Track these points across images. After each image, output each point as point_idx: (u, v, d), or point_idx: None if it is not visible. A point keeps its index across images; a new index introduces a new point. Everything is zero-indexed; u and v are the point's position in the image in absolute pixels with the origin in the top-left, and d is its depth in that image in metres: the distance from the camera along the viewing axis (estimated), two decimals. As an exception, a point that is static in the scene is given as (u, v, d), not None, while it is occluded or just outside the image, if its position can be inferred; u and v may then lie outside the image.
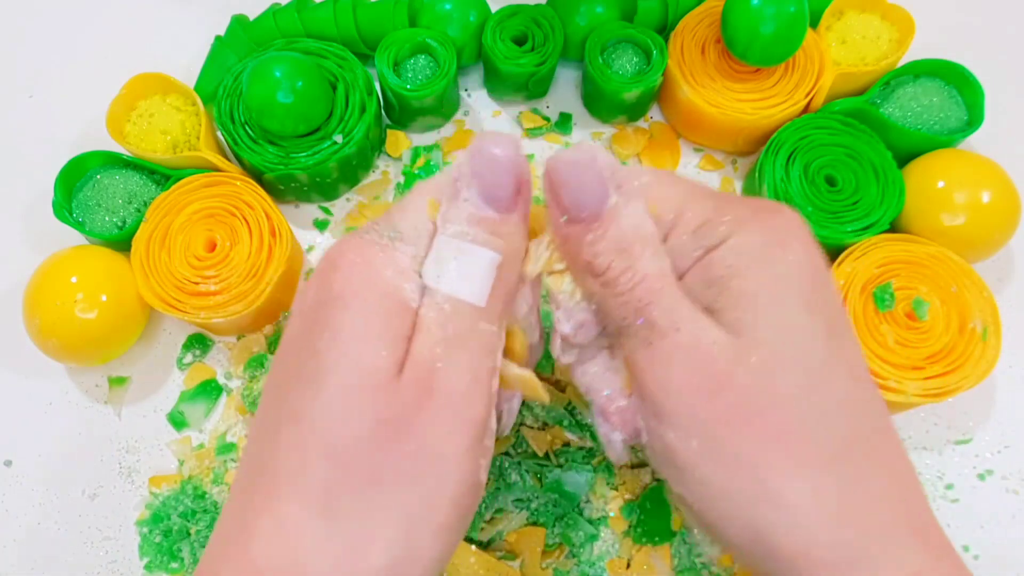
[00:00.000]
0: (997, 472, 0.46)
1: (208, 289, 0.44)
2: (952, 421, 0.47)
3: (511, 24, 0.50)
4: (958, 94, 0.49)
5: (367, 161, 0.51)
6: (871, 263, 0.45)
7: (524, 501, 0.43)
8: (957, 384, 0.43)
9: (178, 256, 0.45)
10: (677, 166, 0.53)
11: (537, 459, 0.43)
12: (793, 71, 0.49)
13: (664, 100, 0.53)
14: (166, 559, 0.44)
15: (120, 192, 0.48)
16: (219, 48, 0.52)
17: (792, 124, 0.48)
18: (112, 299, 0.44)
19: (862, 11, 0.51)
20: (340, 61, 0.49)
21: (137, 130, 0.49)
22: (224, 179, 0.46)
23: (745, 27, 0.46)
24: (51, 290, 0.44)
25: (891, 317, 0.44)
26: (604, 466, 0.44)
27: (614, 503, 0.43)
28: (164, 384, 0.48)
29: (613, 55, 0.51)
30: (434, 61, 0.50)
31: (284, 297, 0.47)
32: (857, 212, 0.46)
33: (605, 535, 0.43)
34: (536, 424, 0.44)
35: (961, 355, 0.44)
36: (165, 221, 0.45)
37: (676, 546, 0.43)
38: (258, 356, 0.47)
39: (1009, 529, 0.45)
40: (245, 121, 0.48)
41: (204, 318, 0.44)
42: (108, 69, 0.50)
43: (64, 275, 0.44)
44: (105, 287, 0.44)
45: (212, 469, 0.46)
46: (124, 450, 0.46)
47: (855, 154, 0.47)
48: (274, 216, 0.46)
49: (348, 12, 0.51)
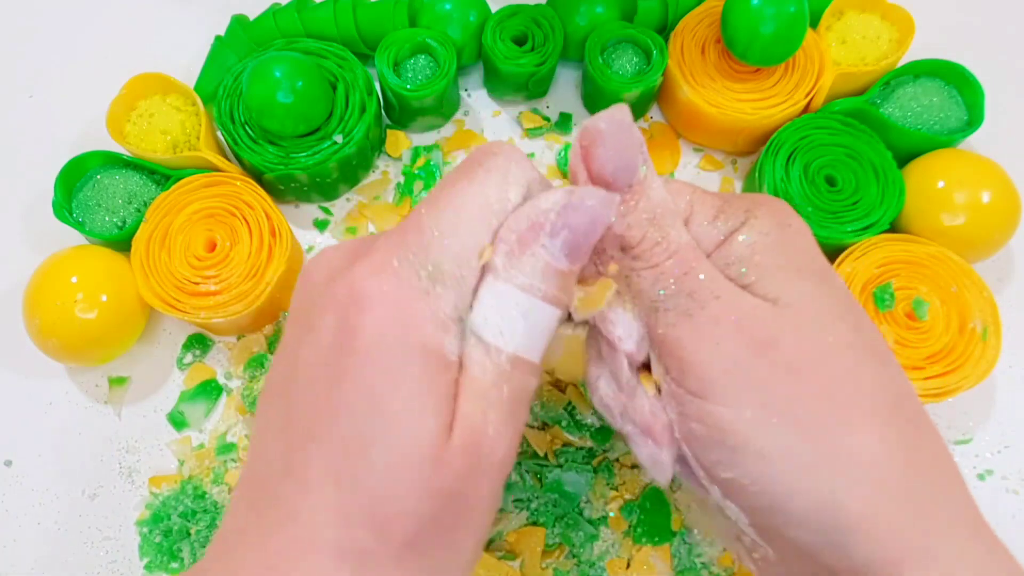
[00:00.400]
0: (997, 472, 0.46)
1: (208, 289, 0.44)
2: (952, 421, 0.47)
3: (511, 24, 0.50)
4: (958, 94, 0.49)
5: (367, 161, 0.51)
6: (871, 263, 0.45)
7: (524, 501, 0.43)
8: (957, 384, 0.43)
9: (178, 256, 0.45)
10: (677, 166, 0.53)
11: (537, 459, 0.43)
12: (793, 71, 0.49)
13: (664, 100, 0.53)
14: (166, 559, 0.44)
15: (120, 192, 0.48)
16: (219, 48, 0.52)
17: (792, 124, 0.48)
18: (112, 299, 0.44)
19: (862, 11, 0.51)
20: (340, 61, 0.49)
21: (137, 130, 0.49)
22: (224, 179, 0.46)
23: (745, 27, 0.46)
24: (51, 290, 0.44)
25: (891, 317, 0.44)
26: (604, 466, 0.44)
27: (614, 503, 0.43)
28: (164, 384, 0.48)
29: (613, 55, 0.51)
30: (434, 61, 0.50)
31: (284, 297, 0.47)
32: (857, 212, 0.46)
33: (605, 535, 0.43)
34: (536, 424, 0.44)
35: (961, 355, 0.44)
36: (165, 221, 0.45)
37: (676, 546, 0.43)
38: (258, 356, 0.47)
39: (1009, 529, 0.45)
40: (245, 121, 0.48)
41: (204, 318, 0.44)
42: (108, 69, 0.50)
43: (64, 275, 0.44)
44: (105, 287, 0.44)
45: (212, 469, 0.46)
46: (124, 450, 0.46)
47: (855, 154, 0.47)
48: (274, 216, 0.46)
49: (348, 12, 0.51)
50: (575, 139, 0.29)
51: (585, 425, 0.44)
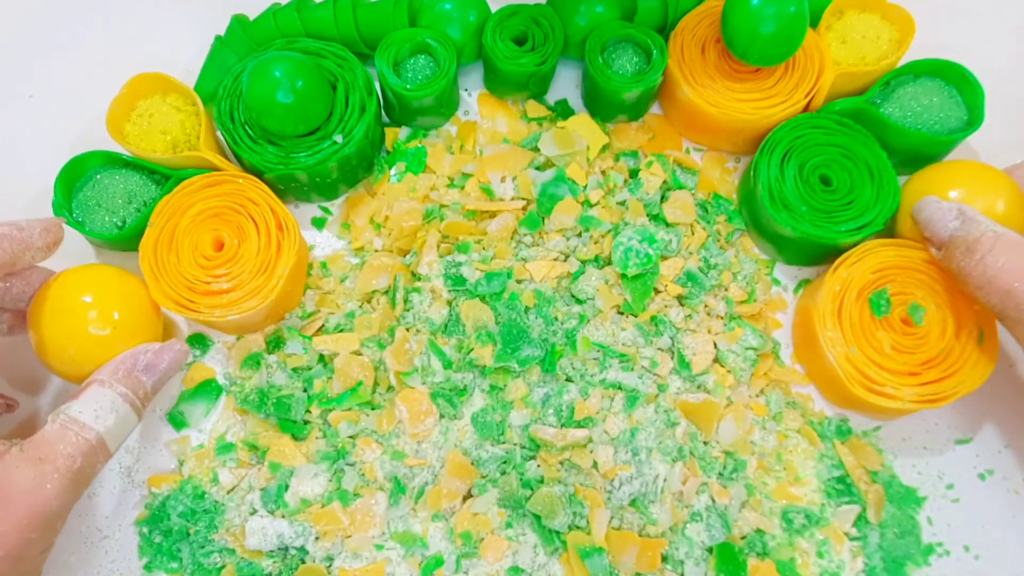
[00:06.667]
0: (998, 472, 0.46)
1: (220, 288, 0.44)
2: (953, 421, 0.47)
3: (511, 24, 0.50)
4: (958, 94, 0.49)
5: (367, 161, 0.51)
6: (867, 268, 0.45)
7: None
8: (954, 389, 0.43)
9: (187, 257, 0.45)
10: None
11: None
12: (793, 71, 0.49)
13: (664, 100, 0.53)
14: (165, 559, 0.44)
15: (120, 192, 0.48)
16: (219, 48, 0.52)
17: (787, 123, 0.48)
18: (124, 320, 0.42)
19: (862, 11, 0.51)
20: (340, 61, 0.49)
21: (137, 130, 0.49)
22: (226, 178, 0.46)
23: (745, 27, 0.46)
24: (63, 310, 0.42)
25: (887, 323, 0.44)
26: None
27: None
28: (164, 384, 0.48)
29: (613, 55, 0.51)
30: (434, 61, 0.50)
31: (294, 291, 0.47)
32: (851, 212, 0.46)
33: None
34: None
35: (957, 360, 0.43)
36: (171, 224, 0.45)
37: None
38: (254, 355, 0.47)
39: (1009, 529, 0.45)
40: (245, 121, 0.48)
41: (219, 316, 0.44)
42: (108, 69, 0.50)
43: (76, 303, 0.42)
44: (117, 305, 0.42)
45: (212, 469, 0.46)
46: (124, 450, 0.46)
47: (850, 154, 0.47)
48: (280, 211, 0.46)
49: (348, 12, 0.51)
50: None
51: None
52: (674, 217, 0.49)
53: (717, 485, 0.45)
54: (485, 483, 0.44)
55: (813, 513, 0.45)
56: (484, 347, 0.45)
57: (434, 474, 0.45)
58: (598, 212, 0.49)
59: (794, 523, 0.44)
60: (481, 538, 0.43)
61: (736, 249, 0.50)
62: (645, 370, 0.46)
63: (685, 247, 0.49)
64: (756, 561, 0.44)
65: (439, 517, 0.44)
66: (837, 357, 0.44)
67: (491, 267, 0.48)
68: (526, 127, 0.53)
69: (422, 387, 0.46)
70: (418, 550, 0.44)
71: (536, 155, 0.51)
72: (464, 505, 0.44)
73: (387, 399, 0.46)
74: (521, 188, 0.49)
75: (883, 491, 0.45)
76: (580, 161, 0.50)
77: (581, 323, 0.47)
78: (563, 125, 0.51)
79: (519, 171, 0.50)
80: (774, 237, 0.49)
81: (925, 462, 0.47)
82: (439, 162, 0.52)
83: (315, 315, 0.48)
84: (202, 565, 0.44)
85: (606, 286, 0.48)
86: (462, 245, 0.48)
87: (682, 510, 0.44)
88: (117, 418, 0.39)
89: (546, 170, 0.50)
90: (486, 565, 0.43)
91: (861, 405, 0.45)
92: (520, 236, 0.49)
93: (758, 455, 0.46)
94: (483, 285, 0.47)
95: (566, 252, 0.49)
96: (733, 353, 0.47)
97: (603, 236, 0.49)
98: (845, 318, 0.44)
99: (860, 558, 0.44)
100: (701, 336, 0.47)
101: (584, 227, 0.49)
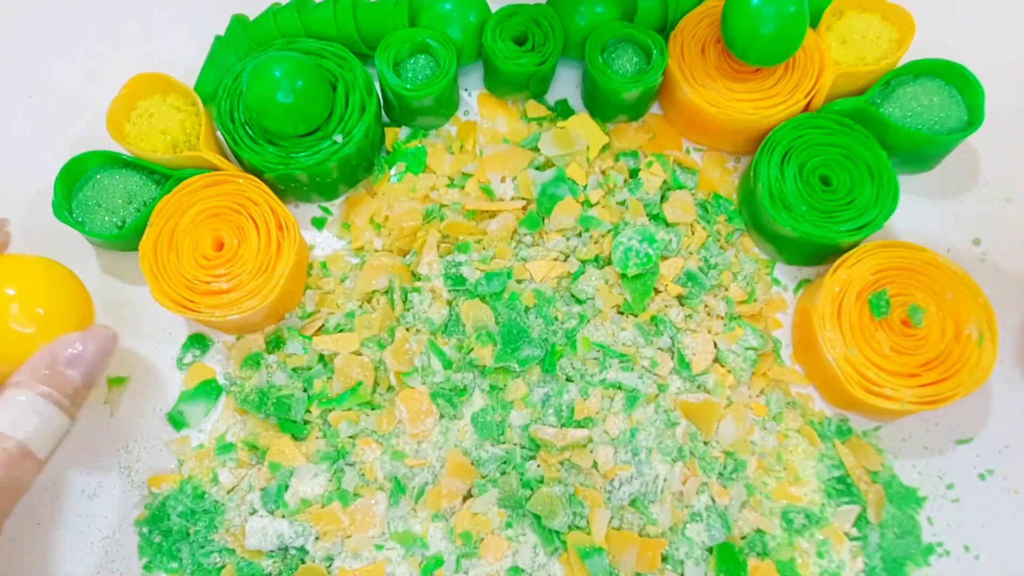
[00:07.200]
0: (998, 472, 0.46)
1: (220, 287, 0.44)
2: (953, 421, 0.47)
3: (511, 24, 0.50)
4: (958, 94, 0.49)
5: (367, 161, 0.51)
6: (866, 270, 0.45)
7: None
8: (953, 391, 0.43)
9: (187, 257, 0.45)
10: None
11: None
12: (793, 71, 0.49)
13: (664, 100, 0.53)
14: (165, 559, 0.44)
15: (120, 192, 0.48)
16: (219, 48, 0.52)
17: (787, 123, 0.48)
18: (51, 316, 0.40)
19: (862, 11, 0.51)
20: (340, 61, 0.49)
21: (137, 130, 0.49)
22: (226, 178, 0.46)
23: (745, 27, 0.46)
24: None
25: (887, 324, 0.44)
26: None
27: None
28: (164, 384, 0.48)
29: (613, 55, 0.51)
30: (434, 61, 0.50)
31: (294, 291, 0.47)
32: (851, 212, 0.46)
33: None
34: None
35: (957, 362, 0.43)
36: (170, 224, 0.45)
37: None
38: (254, 355, 0.47)
39: (1009, 529, 0.45)
40: (245, 121, 0.48)
41: (219, 316, 0.44)
42: (108, 69, 0.50)
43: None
44: (44, 301, 0.40)
45: (211, 469, 0.46)
46: (123, 450, 0.47)
47: (850, 154, 0.47)
48: (280, 211, 0.46)
49: (348, 12, 0.51)
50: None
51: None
52: (674, 217, 0.49)
53: (717, 485, 0.45)
54: (485, 483, 0.44)
55: (813, 513, 0.45)
56: (484, 347, 0.45)
57: (434, 474, 0.45)
58: (598, 212, 0.49)
59: (794, 523, 0.44)
60: (481, 538, 0.43)
61: (736, 249, 0.50)
62: (645, 370, 0.46)
63: (685, 247, 0.49)
64: (756, 561, 0.44)
65: (439, 517, 0.44)
66: (836, 358, 0.44)
67: (491, 267, 0.48)
68: (526, 127, 0.53)
69: (422, 387, 0.46)
70: (418, 550, 0.44)
71: (536, 155, 0.51)
72: (464, 505, 0.44)
73: (387, 399, 0.46)
74: (521, 188, 0.49)
75: (883, 491, 0.45)
76: (580, 161, 0.50)
77: (581, 323, 0.47)
78: (563, 125, 0.51)
79: (519, 171, 0.50)
80: (774, 237, 0.49)
81: (925, 462, 0.47)
82: (439, 162, 0.52)
83: (315, 315, 0.48)
84: (202, 565, 0.44)
85: (606, 286, 0.48)
86: (462, 245, 0.48)
87: (682, 510, 0.44)
88: (41, 421, 0.37)
89: (546, 170, 0.50)
90: (486, 565, 0.43)
91: (860, 406, 0.45)
92: (520, 236, 0.49)
93: (758, 455, 0.46)
94: (483, 285, 0.47)
95: (566, 252, 0.49)
96: (733, 353, 0.47)
97: (603, 236, 0.49)
98: (845, 319, 0.44)
99: (860, 558, 0.44)
100: (701, 336, 0.47)
101: (584, 227, 0.49)
